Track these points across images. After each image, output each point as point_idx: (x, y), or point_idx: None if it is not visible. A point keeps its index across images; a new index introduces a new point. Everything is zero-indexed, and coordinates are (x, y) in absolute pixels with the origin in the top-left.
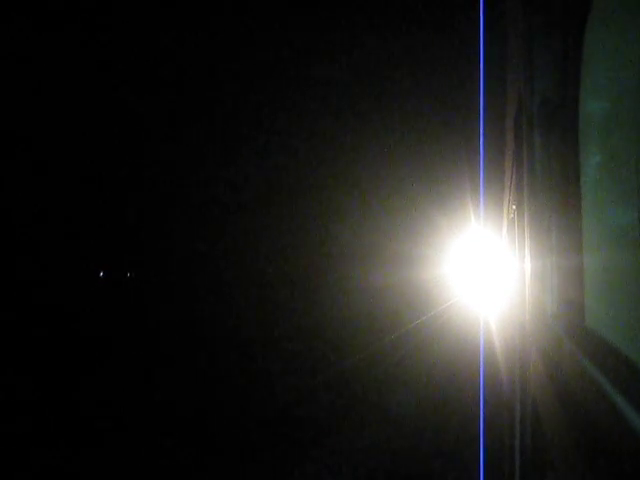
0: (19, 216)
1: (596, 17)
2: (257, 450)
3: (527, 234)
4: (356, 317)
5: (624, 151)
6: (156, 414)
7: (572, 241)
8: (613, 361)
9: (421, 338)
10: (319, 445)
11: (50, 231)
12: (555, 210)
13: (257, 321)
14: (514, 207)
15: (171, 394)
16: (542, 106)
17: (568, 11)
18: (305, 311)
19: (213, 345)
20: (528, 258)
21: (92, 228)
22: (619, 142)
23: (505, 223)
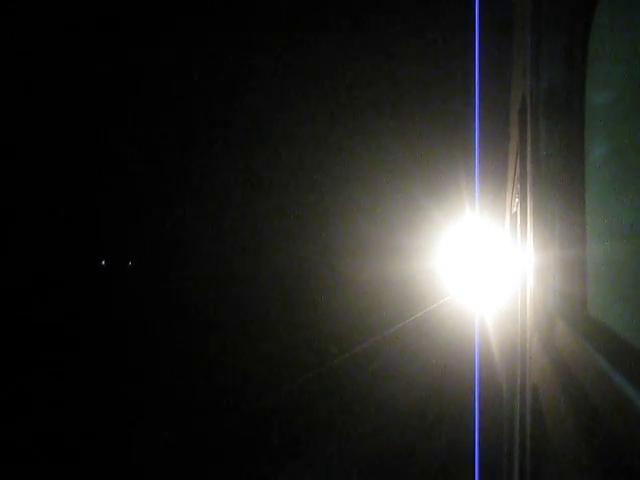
0: (21, 206)
1: (602, 9)
2: (234, 452)
3: (530, 226)
4: (338, 314)
5: (629, 144)
6: (147, 404)
7: (575, 232)
8: (616, 350)
9: (413, 337)
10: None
11: (52, 220)
12: (559, 202)
13: (251, 313)
14: (517, 200)
15: (163, 385)
16: (547, 98)
17: (574, 3)
18: (290, 306)
19: (207, 337)
20: (531, 250)
21: (94, 218)
22: (624, 135)
23: (508, 216)
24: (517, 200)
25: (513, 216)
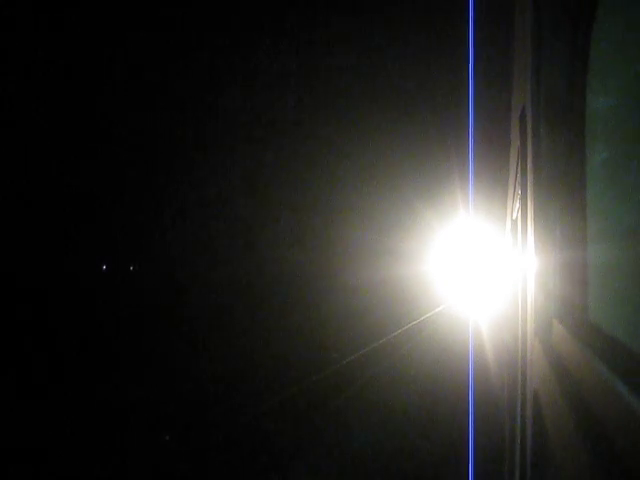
0: (21, 209)
1: (604, 13)
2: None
3: (531, 231)
4: (325, 322)
5: (630, 148)
6: (146, 408)
7: (576, 238)
8: (617, 355)
9: (406, 348)
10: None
11: (52, 224)
12: (560, 207)
13: (251, 321)
14: (518, 205)
15: (161, 391)
16: (548, 105)
17: (576, 8)
18: (281, 311)
19: (205, 342)
20: (532, 255)
21: (95, 221)
22: (625, 139)
23: (508, 222)
24: (518, 205)
25: (514, 222)
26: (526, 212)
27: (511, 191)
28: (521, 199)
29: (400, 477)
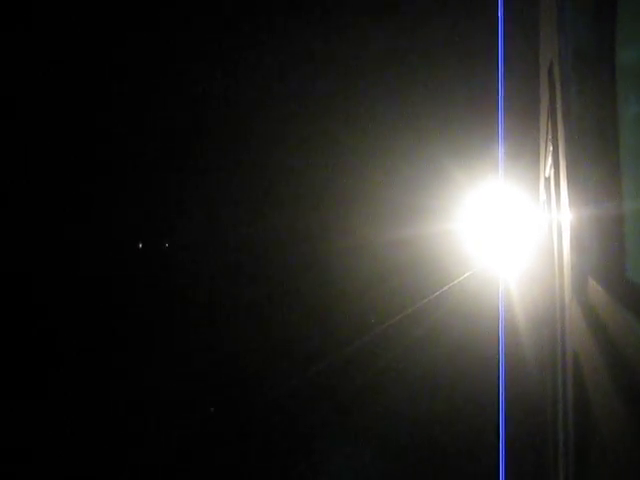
0: (53, 188)
1: None
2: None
3: (564, 187)
4: (348, 286)
5: None
6: (178, 384)
7: (612, 192)
8: None
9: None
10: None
11: (87, 202)
12: (593, 161)
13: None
14: (550, 162)
15: (193, 365)
16: (576, 55)
17: None
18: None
19: (245, 310)
20: (566, 212)
21: (131, 198)
22: None
23: (541, 180)
24: (550, 162)
25: (546, 180)
26: (558, 168)
27: (542, 148)
28: (553, 155)
29: (430, 443)
